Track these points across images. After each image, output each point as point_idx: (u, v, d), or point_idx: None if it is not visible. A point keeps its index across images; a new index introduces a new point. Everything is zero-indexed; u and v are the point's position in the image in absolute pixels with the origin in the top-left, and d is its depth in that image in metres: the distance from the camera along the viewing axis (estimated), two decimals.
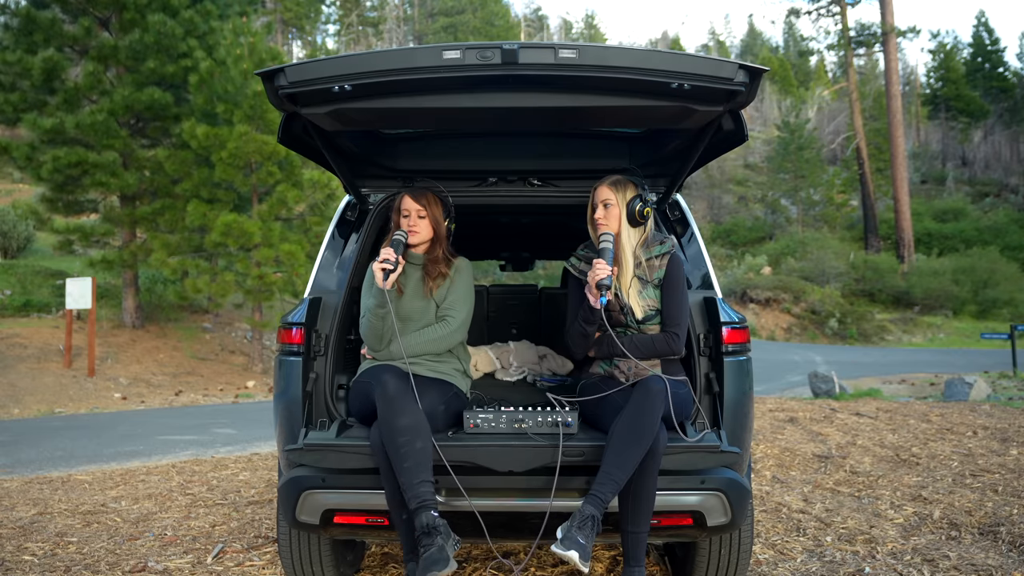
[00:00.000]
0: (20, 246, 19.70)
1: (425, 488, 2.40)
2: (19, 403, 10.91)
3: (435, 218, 2.96)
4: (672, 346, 2.76)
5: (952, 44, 49.40)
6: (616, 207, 2.83)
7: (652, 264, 2.84)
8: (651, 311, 2.80)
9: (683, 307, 2.79)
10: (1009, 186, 40.08)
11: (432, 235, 2.97)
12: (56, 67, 12.84)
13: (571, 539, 2.33)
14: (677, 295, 2.79)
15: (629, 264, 2.82)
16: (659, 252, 2.85)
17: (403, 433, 2.44)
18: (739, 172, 42.87)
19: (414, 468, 2.41)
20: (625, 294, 2.79)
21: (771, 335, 25.56)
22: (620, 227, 2.83)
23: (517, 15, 63.01)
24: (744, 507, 2.56)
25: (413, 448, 2.42)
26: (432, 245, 2.99)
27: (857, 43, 34.24)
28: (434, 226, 2.96)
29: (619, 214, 2.84)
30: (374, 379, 2.62)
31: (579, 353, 2.88)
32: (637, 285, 2.81)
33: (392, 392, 2.52)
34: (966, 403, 9.09)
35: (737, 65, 2.32)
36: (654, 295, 2.82)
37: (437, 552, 2.30)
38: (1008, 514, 4.06)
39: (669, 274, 2.82)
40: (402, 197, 2.96)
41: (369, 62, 2.33)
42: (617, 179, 2.88)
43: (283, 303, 15.22)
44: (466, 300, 2.98)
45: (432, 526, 2.35)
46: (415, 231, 2.92)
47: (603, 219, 2.83)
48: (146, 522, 4.28)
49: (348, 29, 51.44)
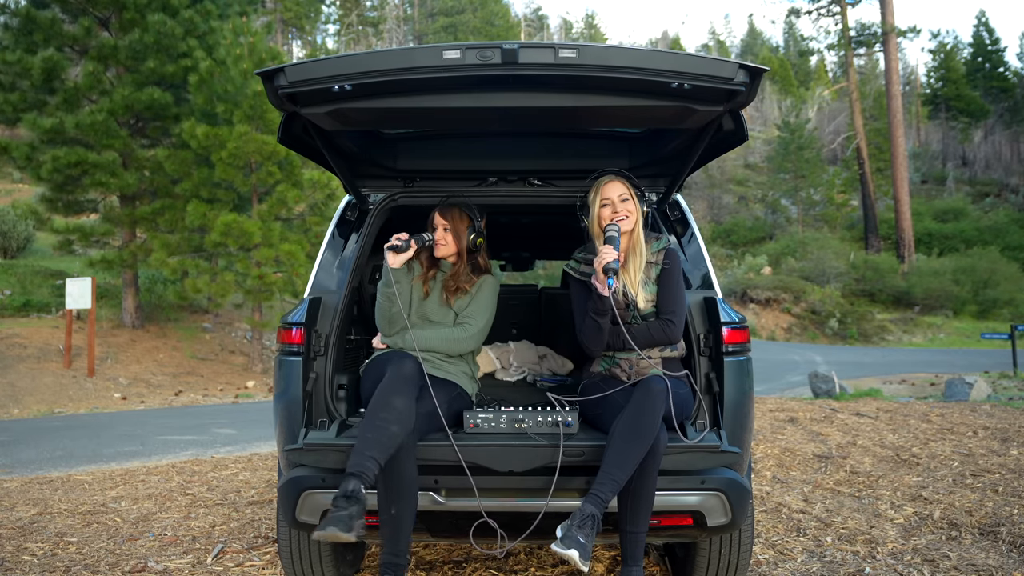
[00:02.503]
0: (20, 246, 19.69)
1: (370, 464, 2.38)
2: (19, 403, 10.91)
3: (458, 233, 3.02)
4: (668, 332, 2.76)
5: (952, 44, 49.43)
6: (632, 200, 2.84)
7: (654, 258, 2.86)
8: (653, 306, 2.82)
9: (679, 296, 2.80)
10: (1009, 186, 40.07)
11: (456, 250, 3.04)
12: (56, 67, 12.84)
13: (571, 538, 2.33)
14: (673, 284, 2.81)
15: (640, 260, 2.82)
16: (657, 248, 2.88)
17: (389, 410, 2.47)
18: (739, 172, 42.86)
19: (372, 443, 2.41)
20: (633, 290, 2.79)
21: (771, 335, 25.56)
22: (637, 221, 2.84)
23: (517, 15, 63.02)
24: (744, 507, 2.56)
25: (387, 429, 2.43)
26: (457, 259, 3.07)
27: (857, 43, 34.24)
28: (456, 242, 3.03)
29: (636, 208, 2.85)
30: (393, 359, 2.69)
31: (596, 349, 2.84)
32: (643, 277, 2.82)
33: (407, 373, 2.58)
34: (966, 403, 9.08)
35: (737, 65, 2.31)
36: (655, 289, 2.84)
37: (347, 518, 2.28)
38: (1008, 514, 4.06)
39: (668, 266, 2.84)
40: (435, 210, 3.07)
41: (369, 62, 2.33)
42: (622, 175, 2.89)
43: (283, 303, 15.23)
44: (486, 311, 3.04)
45: (357, 495, 2.33)
46: (440, 243, 3.03)
47: (623, 213, 2.81)
48: (146, 522, 4.28)
49: (348, 29, 51.44)
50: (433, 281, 3.06)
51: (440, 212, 3.04)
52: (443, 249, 3.04)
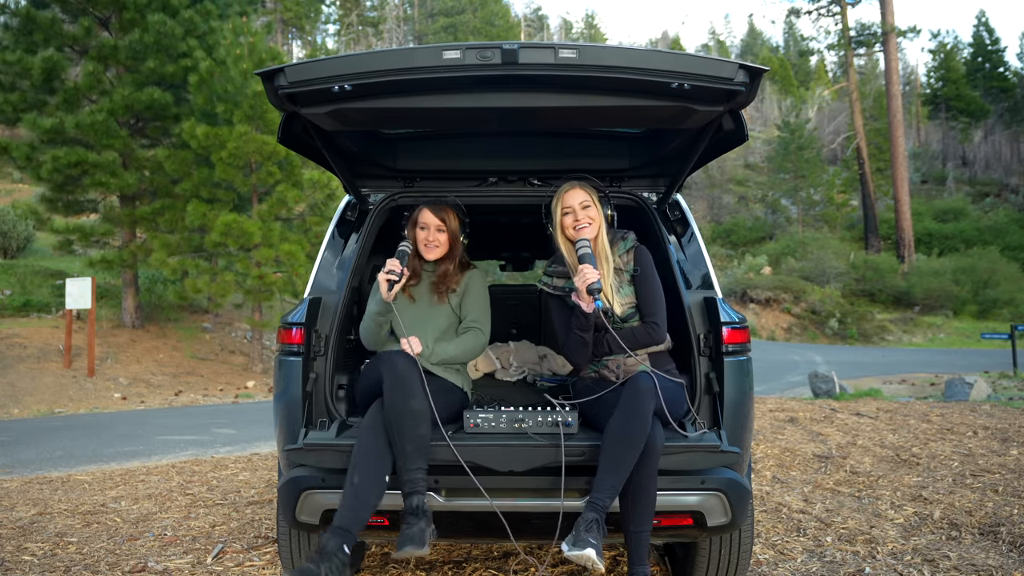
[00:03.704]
0: (20, 246, 19.69)
1: (420, 475, 2.46)
2: (19, 403, 10.91)
3: (453, 232, 3.01)
4: (653, 335, 2.78)
5: (952, 44, 49.43)
6: (594, 206, 2.84)
7: (622, 260, 2.86)
8: (631, 308, 2.82)
9: (658, 296, 2.82)
10: (1009, 186, 40.07)
11: (448, 249, 3.02)
12: (56, 67, 12.84)
13: (583, 540, 2.33)
14: (651, 285, 2.82)
15: (610, 264, 2.83)
16: (625, 248, 2.88)
17: (412, 416, 2.48)
18: (739, 172, 42.86)
19: (414, 454, 2.46)
20: (609, 297, 2.78)
21: (771, 335, 25.56)
22: (601, 227, 2.84)
23: (517, 15, 63.02)
24: (744, 507, 2.56)
25: (417, 433, 2.47)
26: (445, 258, 3.03)
27: (857, 43, 34.24)
28: (451, 240, 3.01)
29: (597, 214, 2.84)
30: (383, 362, 2.66)
31: (582, 362, 2.86)
32: (615, 283, 2.82)
33: (403, 373, 2.56)
34: (966, 403, 9.08)
35: (737, 65, 2.32)
36: (630, 292, 2.84)
37: (419, 533, 2.37)
38: (1008, 514, 4.06)
39: (640, 266, 2.84)
40: (421, 210, 3.00)
41: (369, 62, 2.33)
42: (582, 180, 2.89)
43: (283, 303, 15.23)
44: (486, 306, 3.06)
45: (421, 508, 2.42)
46: (433, 245, 2.98)
47: (584, 220, 2.81)
48: (146, 522, 4.28)
49: (348, 29, 51.44)
50: (415, 286, 3.03)
51: (434, 212, 2.99)
52: (436, 251, 3.00)
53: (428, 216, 2.98)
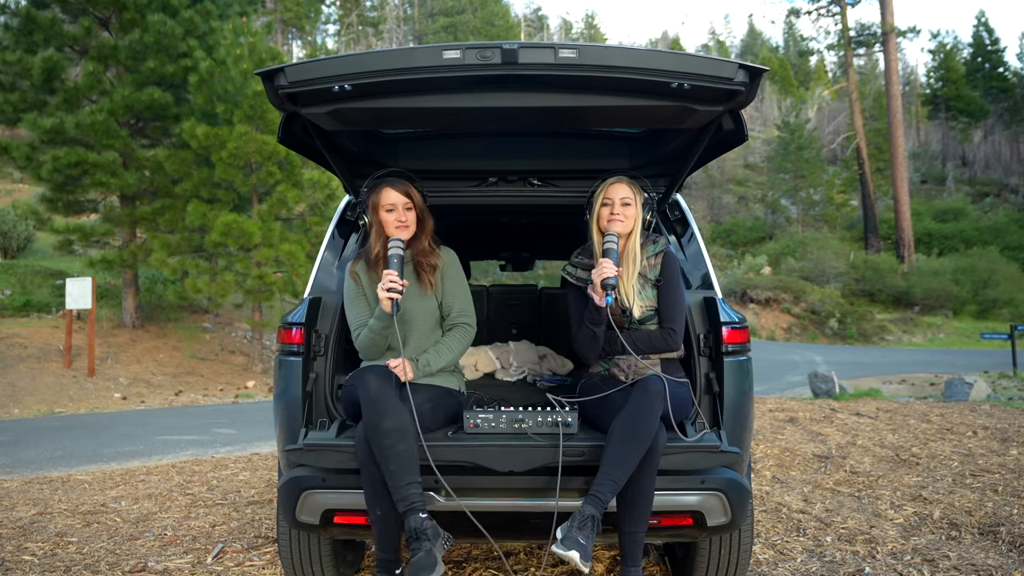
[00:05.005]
0: (20, 246, 19.69)
1: (413, 490, 2.40)
2: (19, 403, 10.91)
3: (419, 207, 2.89)
4: (669, 342, 2.77)
5: (952, 44, 49.43)
6: (634, 207, 2.83)
7: (649, 264, 2.85)
8: (649, 311, 2.81)
9: (680, 304, 2.80)
10: (1009, 186, 40.08)
11: (418, 224, 2.89)
12: (56, 67, 12.84)
13: (572, 539, 2.33)
14: (675, 293, 2.80)
15: (637, 265, 2.82)
16: (654, 252, 2.86)
17: (388, 435, 2.42)
18: (739, 172, 42.86)
19: (399, 471, 2.40)
20: (627, 295, 2.78)
21: (771, 335, 25.56)
22: (635, 227, 2.83)
23: (517, 15, 63.02)
24: (744, 507, 2.56)
25: (397, 451, 2.41)
26: (418, 236, 2.90)
27: (857, 43, 34.24)
28: (420, 215, 2.89)
29: (636, 214, 2.83)
30: (358, 380, 2.60)
31: (590, 357, 2.85)
32: (637, 286, 2.81)
33: (374, 394, 2.48)
34: (966, 403, 9.08)
35: (737, 65, 2.32)
36: (652, 295, 2.83)
37: (425, 557, 2.31)
38: (1008, 514, 4.06)
39: (666, 272, 2.83)
40: (382, 190, 2.83)
41: (369, 62, 2.33)
42: (631, 178, 2.88)
43: (283, 303, 15.22)
44: (466, 291, 2.97)
45: (420, 530, 2.35)
46: (406, 225, 2.84)
47: (620, 216, 2.80)
48: (146, 522, 4.28)
49: (348, 29, 51.43)
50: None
51: (396, 189, 2.82)
52: (409, 231, 2.84)
53: (393, 195, 2.81)
